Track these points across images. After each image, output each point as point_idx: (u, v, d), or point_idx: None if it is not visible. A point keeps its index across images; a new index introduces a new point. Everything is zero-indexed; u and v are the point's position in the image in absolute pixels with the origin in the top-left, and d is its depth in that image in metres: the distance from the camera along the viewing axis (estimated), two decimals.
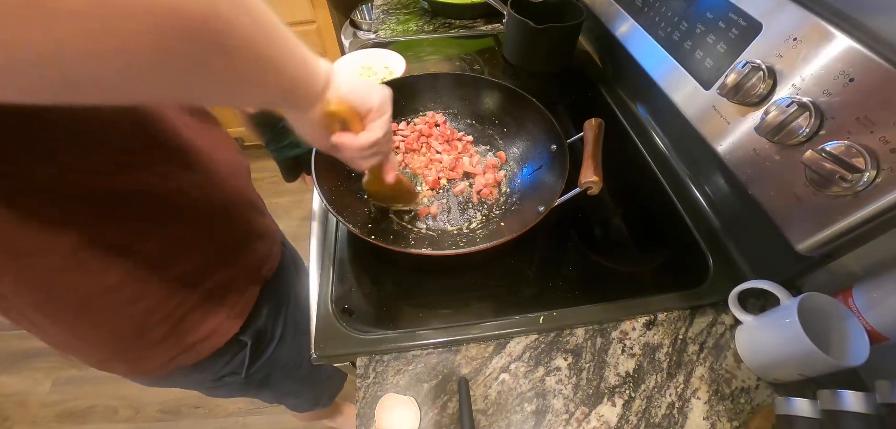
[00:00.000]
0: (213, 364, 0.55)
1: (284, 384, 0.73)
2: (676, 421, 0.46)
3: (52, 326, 0.42)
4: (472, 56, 1.01)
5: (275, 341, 0.63)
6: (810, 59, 0.43)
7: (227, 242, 0.51)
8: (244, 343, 0.57)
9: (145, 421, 1.32)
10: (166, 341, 0.48)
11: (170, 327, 0.47)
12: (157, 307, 0.45)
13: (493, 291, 0.57)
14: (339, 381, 1.00)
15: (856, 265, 0.49)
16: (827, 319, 0.45)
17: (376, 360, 0.50)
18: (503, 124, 0.72)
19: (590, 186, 0.52)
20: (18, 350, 1.46)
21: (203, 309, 0.49)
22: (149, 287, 0.43)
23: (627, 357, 0.50)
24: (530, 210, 0.56)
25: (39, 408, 1.36)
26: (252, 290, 0.56)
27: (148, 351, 0.49)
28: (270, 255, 0.61)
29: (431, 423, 0.46)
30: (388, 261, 0.58)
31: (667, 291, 0.55)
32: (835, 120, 0.40)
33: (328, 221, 0.63)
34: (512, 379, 0.49)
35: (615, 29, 0.81)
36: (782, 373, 0.47)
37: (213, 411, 1.33)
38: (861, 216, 0.39)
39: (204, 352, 0.52)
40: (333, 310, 0.53)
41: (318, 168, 0.56)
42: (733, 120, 0.51)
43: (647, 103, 0.80)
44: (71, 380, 1.40)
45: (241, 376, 0.60)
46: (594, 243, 0.62)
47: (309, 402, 0.89)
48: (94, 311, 0.42)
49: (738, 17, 0.52)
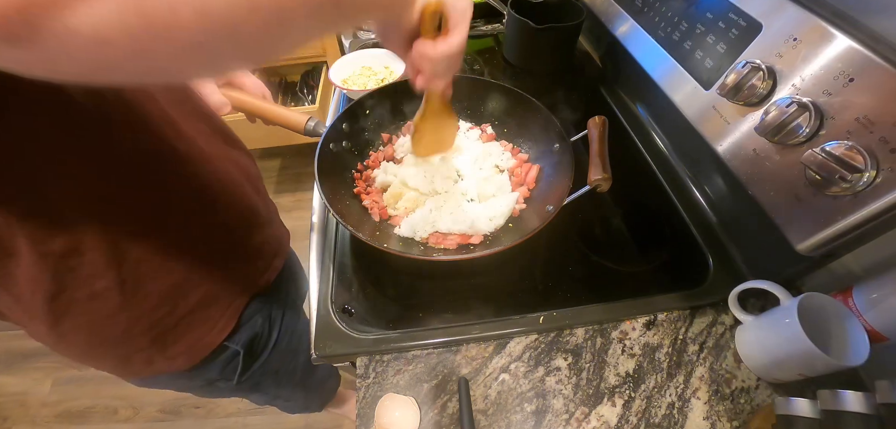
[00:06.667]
0: (203, 371, 0.55)
1: (276, 389, 0.73)
2: (676, 421, 0.46)
3: (30, 321, 0.43)
4: (471, 56, 1.01)
5: (269, 348, 0.63)
6: (810, 59, 0.43)
7: (219, 258, 0.51)
8: (236, 352, 0.57)
9: (145, 421, 1.32)
10: (149, 349, 0.49)
11: (152, 338, 0.48)
12: (141, 318, 0.46)
13: (494, 292, 0.57)
14: (333, 387, 1.00)
15: (856, 265, 0.49)
16: (827, 319, 0.45)
17: (376, 360, 0.50)
18: (504, 125, 0.72)
19: (599, 184, 0.52)
20: (18, 350, 1.46)
21: (187, 321, 0.49)
22: (135, 298, 0.44)
23: (627, 357, 0.50)
24: (539, 210, 0.56)
25: (39, 408, 1.36)
26: (239, 301, 0.56)
27: (131, 357, 0.49)
28: (268, 268, 0.60)
29: (431, 423, 0.46)
30: (389, 262, 0.58)
31: (667, 291, 0.55)
32: (835, 120, 0.40)
33: (329, 222, 0.63)
34: (512, 379, 0.49)
35: (615, 29, 0.81)
36: (782, 373, 0.47)
37: (213, 411, 1.33)
38: (861, 216, 0.39)
39: (186, 363, 0.53)
40: (333, 310, 0.53)
41: (320, 169, 0.56)
42: (733, 120, 0.51)
43: (647, 103, 0.80)
44: (71, 380, 1.40)
45: (232, 383, 0.60)
46: (594, 243, 0.62)
47: (300, 405, 0.90)
48: (77, 314, 0.42)
49: (738, 17, 0.52)
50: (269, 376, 0.66)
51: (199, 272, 0.49)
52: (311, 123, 0.62)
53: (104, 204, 0.38)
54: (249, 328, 0.58)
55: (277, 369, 0.67)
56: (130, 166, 0.40)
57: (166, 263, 0.45)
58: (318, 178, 0.55)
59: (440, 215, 0.58)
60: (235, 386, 0.62)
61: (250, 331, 0.58)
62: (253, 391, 0.69)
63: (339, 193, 0.59)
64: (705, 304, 0.55)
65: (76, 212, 0.37)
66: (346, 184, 0.63)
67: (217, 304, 0.52)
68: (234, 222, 0.53)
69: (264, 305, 0.60)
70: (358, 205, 0.61)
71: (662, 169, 0.72)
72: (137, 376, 0.53)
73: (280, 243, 0.64)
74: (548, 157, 0.64)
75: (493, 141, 0.71)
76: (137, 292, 0.44)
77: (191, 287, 0.48)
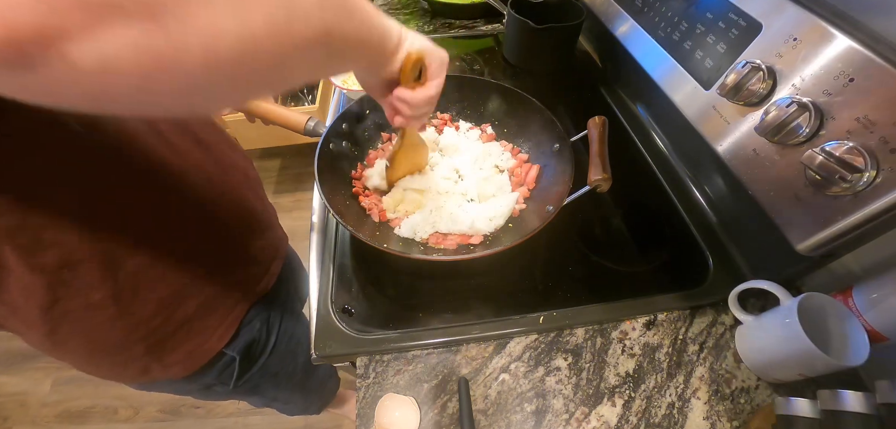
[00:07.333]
0: (199, 376, 0.55)
1: (274, 391, 0.73)
2: (676, 421, 0.46)
3: (27, 330, 0.42)
4: (471, 56, 1.01)
5: (267, 352, 0.63)
6: (810, 59, 0.43)
7: (218, 265, 0.51)
8: (232, 358, 0.57)
9: (145, 421, 1.32)
10: (146, 357, 0.48)
11: (149, 346, 0.47)
12: (138, 327, 0.45)
13: (494, 292, 0.57)
14: (333, 388, 1.00)
15: (856, 265, 0.49)
16: (827, 319, 0.45)
17: (376, 360, 0.50)
18: (504, 125, 0.72)
19: (599, 185, 0.52)
20: (18, 350, 1.46)
21: (185, 329, 0.49)
22: (132, 307, 0.43)
23: (627, 357, 0.50)
24: (539, 210, 0.56)
25: (39, 408, 1.36)
26: (239, 308, 0.56)
27: (127, 364, 0.49)
28: (267, 273, 0.60)
29: (431, 423, 0.46)
30: (389, 262, 0.58)
31: (667, 291, 0.55)
32: (835, 120, 0.40)
33: (329, 222, 0.63)
34: (512, 379, 0.49)
35: (615, 29, 0.81)
36: (782, 373, 0.47)
37: (213, 411, 1.33)
38: (861, 216, 0.39)
39: (182, 371, 0.52)
40: (333, 310, 0.53)
41: (320, 170, 0.56)
42: (733, 120, 0.51)
43: (647, 103, 0.80)
44: (71, 380, 1.40)
45: (229, 387, 0.60)
46: (594, 243, 0.62)
47: (299, 407, 0.90)
48: (73, 324, 0.42)
49: (738, 17, 0.52)
50: (267, 380, 0.66)
51: (197, 281, 0.48)
52: (311, 123, 0.62)
53: (98, 218, 0.38)
54: (246, 333, 0.57)
55: (275, 372, 0.67)
56: (124, 181, 0.40)
57: (164, 273, 0.45)
58: (318, 178, 0.55)
59: (440, 216, 0.58)
60: (232, 390, 0.61)
61: (247, 336, 0.58)
62: (251, 394, 0.68)
63: (339, 193, 0.59)
64: (705, 304, 0.55)
65: (68, 226, 0.36)
66: (346, 184, 0.63)
67: (216, 312, 0.52)
68: (232, 229, 0.53)
69: (262, 310, 0.60)
70: (358, 205, 0.61)
71: (662, 169, 0.72)
72: (135, 383, 0.53)
73: (278, 247, 0.64)
74: (548, 157, 0.64)
75: (493, 141, 0.71)
76: (134, 302, 0.43)
77: (189, 296, 0.48)
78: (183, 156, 0.45)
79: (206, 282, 0.50)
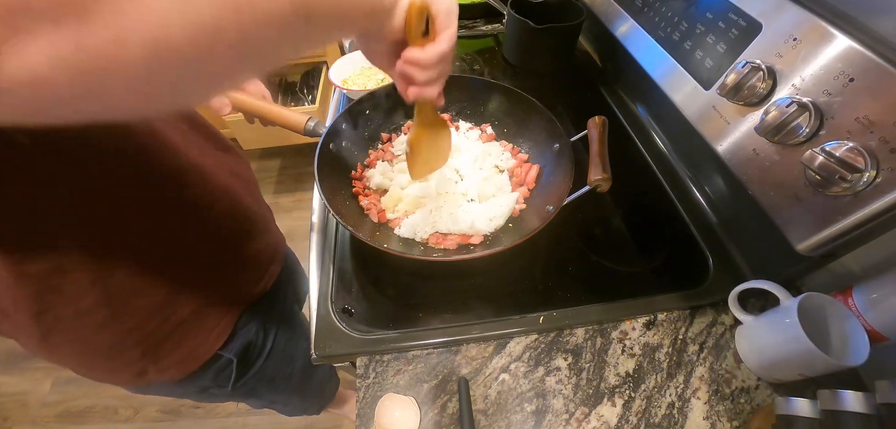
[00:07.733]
0: (196, 379, 0.55)
1: (272, 394, 0.73)
2: (676, 421, 0.46)
3: (20, 335, 0.42)
4: (471, 56, 1.01)
5: (264, 355, 0.62)
6: (810, 59, 0.43)
7: (213, 269, 0.51)
8: (229, 360, 0.56)
9: (145, 421, 1.32)
10: (141, 361, 0.48)
11: (144, 350, 0.47)
12: (132, 331, 0.45)
13: (494, 292, 0.57)
14: (332, 389, 1.00)
15: (856, 265, 0.49)
16: (827, 319, 0.45)
17: (376, 360, 0.50)
18: (504, 125, 0.72)
19: (599, 184, 0.52)
20: (18, 350, 1.44)
21: (180, 332, 0.49)
22: (124, 312, 0.43)
23: (627, 357, 0.50)
24: (539, 210, 0.56)
25: (39, 408, 1.36)
26: (234, 312, 0.55)
27: (122, 368, 0.49)
28: (264, 276, 0.60)
29: (431, 423, 0.46)
30: (389, 262, 0.58)
31: (667, 291, 0.55)
32: (835, 120, 0.40)
33: (329, 223, 0.63)
34: (512, 379, 0.49)
35: (615, 29, 0.81)
36: (782, 373, 0.47)
37: (213, 411, 1.33)
38: (861, 216, 0.39)
39: (178, 374, 0.52)
40: (333, 310, 0.53)
41: (320, 170, 0.56)
42: (733, 120, 0.51)
43: (647, 103, 0.80)
44: (71, 380, 1.40)
45: (226, 390, 0.60)
46: (594, 243, 0.62)
47: (297, 409, 0.90)
48: (65, 330, 0.42)
49: (738, 17, 0.52)
50: (265, 383, 0.66)
51: (192, 285, 0.48)
52: (310, 123, 0.62)
53: (87, 225, 0.38)
54: (243, 336, 0.57)
55: (273, 375, 0.66)
56: (115, 188, 0.39)
57: (156, 277, 0.44)
58: (318, 178, 0.55)
59: (440, 216, 0.58)
60: (230, 392, 0.61)
61: (244, 339, 0.57)
62: (248, 397, 0.68)
63: (340, 193, 0.59)
64: (705, 304, 0.55)
65: (57, 234, 0.36)
66: (347, 184, 0.63)
67: (211, 315, 0.52)
68: (228, 232, 0.53)
69: (259, 313, 0.60)
70: (358, 205, 0.61)
71: (662, 169, 0.72)
72: (131, 385, 0.53)
73: (275, 250, 0.64)
74: (548, 157, 0.64)
75: (493, 141, 0.71)
76: (126, 307, 0.43)
77: (184, 299, 0.48)
78: (176, 159, 0.45)
79: (202, 285, 0.50)
